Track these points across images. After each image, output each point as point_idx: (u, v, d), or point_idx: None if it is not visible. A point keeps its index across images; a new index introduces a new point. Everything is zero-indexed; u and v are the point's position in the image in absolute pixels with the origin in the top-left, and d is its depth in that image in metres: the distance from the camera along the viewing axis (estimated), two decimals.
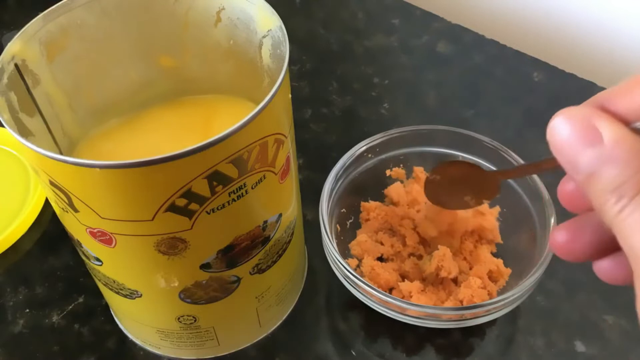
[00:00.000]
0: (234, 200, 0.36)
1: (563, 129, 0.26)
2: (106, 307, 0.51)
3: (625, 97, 0.26)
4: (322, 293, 0.53)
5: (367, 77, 0.71)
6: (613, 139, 0.24)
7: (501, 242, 0.53)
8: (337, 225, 0.52)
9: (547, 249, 0.46)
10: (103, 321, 0.51)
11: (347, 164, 0.52)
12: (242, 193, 0.36)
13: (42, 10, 0.39)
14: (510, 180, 0.51)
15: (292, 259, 0.47)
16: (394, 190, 0.54)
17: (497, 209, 0.53)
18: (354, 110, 0.67)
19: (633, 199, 0.24)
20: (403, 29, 0.76)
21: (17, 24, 0.78)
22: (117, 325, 0.51)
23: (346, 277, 0.46)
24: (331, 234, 0.49)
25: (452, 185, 0.47)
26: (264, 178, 0.37)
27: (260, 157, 0.36)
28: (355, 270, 0.47)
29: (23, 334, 0.51)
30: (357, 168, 0.54)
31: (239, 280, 0.42)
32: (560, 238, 0.31)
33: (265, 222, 0.40)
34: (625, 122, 0.25)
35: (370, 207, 0.54)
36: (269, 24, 0.40)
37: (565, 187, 0.31)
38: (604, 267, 0.30)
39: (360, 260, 0.51)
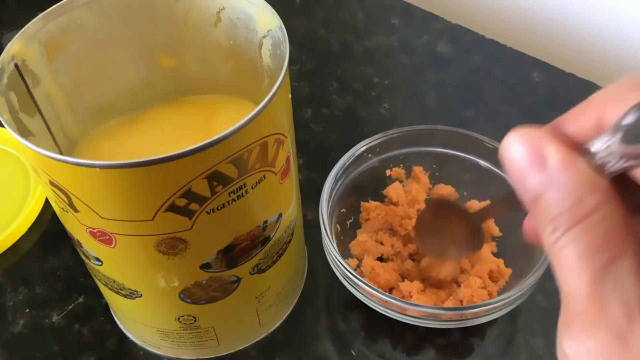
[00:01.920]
0: (234, 200, 0.36)
1: (514, 149, 0.25)
2: (106, 307, 0.51)
3: (577, 119, 0.25)
4: (322, 293, 0.53)
5: (367, 77, 0.71)
6: (557, 164, 0.24)
7: (499, 234, 0.53)
8: (337, 225, 0.52)
9: None
10: (103, 321, 0.51)
11: (347, 164, 0.52)
12: (242, 193, 0.36)
13: (42, 10, 0.39)
14: (510, 180, 0.51)
15: (292, 259, 0.47)
16: (393, 190, 0.54)
17: (488, 202, 0.53)
18: (354, 110, 0.67)
19: (566, 232, 0.23)
20: (403, 29, 0.76)
21: (17, 24, 0.78)
22: (117, 325, 0.51)
23: (346, 277, 0.46)
24: (331, 234, 0.49)
25: (439, 231, 0.47)
26: (264, 178, 0.37)
27: (260, 157, 0.36)
28: (355, 270, 0.47)
29: (23, 334, 0.51)
30: (357, 168, 0.54)
31: (239, 280, 0.42)
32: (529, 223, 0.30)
33: (265, 222, 0.40)
34: (578, 145, 0.24)
35: (370, 207, 0.54)
36: (269, 24, 0.40)
37: (528, 223, 0.30)
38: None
39: (360, 260, 0.51)
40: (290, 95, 0.39)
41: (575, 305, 0.23)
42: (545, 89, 0.67)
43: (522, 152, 0.24)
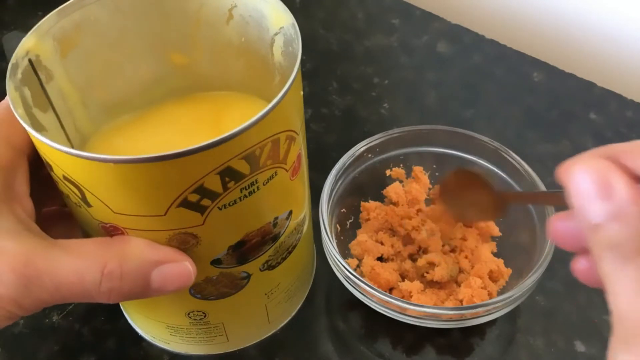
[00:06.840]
0: (245, 196, 0.36)
1: (581, 177, 0.27)
2: (106, 307, 0.51)
3: (637, 155, 0.27)
4: (322, 293, 0.53)
5: (367, 77, 0.71)
6: (626, 197, 0.26)
7: (499, 234, 0.53)
8: (337, 225, 0.52)
9: (547, 249, 0.46)
10: (103, 321, 0.51)
11: (347, 164, 0.53)
12: (253, 189, 0.36)
13: (43, 10, 0.39)
14: (510, 180, 0.52)
15: (301, 256, 0.47)
16: (393, 190, 0.55)
17: None
18: (354, 110, 0.68)
19: (628, 261, 0.25)
20: (403, 29, 0.76)
21: (17, 24, 0.78)
22: (117, 325, 0.51)
23: (346, 277, 0.46)
24: (331, 234, 0.49)
25: (461, 195, 0.47)
26: (276, 175, 0.37)
27: (272, 154, 0.36)
28: (355, 270, 0.47)
29: (23, 334, 0.50)
30: (357, 168, 0.54)
31: (249, 276, 0.42)
32: (580, 266, 0.32)
33: (276, 218, 0.40)
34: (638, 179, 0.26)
35: (370, 207, 0.54)
36: (281, 21, 0.40)
37: (558, 225, 0.32)
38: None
39: (360, 260, 0.51)
40: (302, 93, 0.39)
41: (634, 327, 0.25)
42: (545, 89, 0.68)
43: (589, 180, 0.26)
